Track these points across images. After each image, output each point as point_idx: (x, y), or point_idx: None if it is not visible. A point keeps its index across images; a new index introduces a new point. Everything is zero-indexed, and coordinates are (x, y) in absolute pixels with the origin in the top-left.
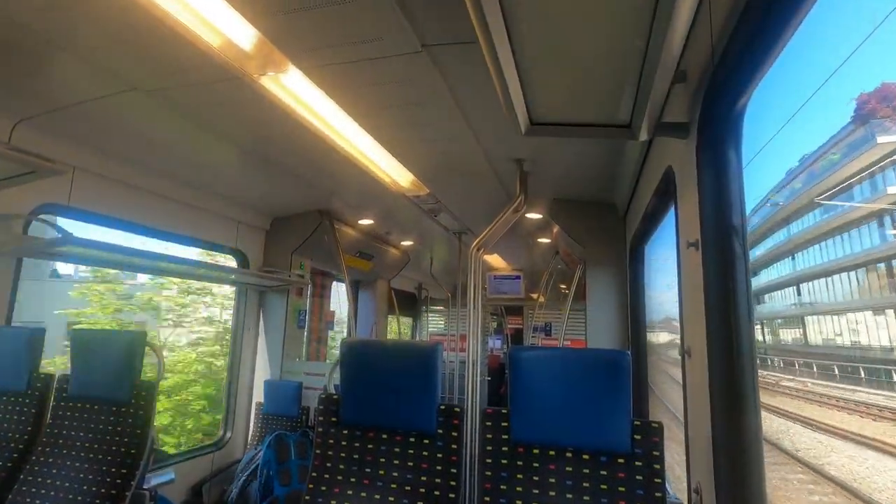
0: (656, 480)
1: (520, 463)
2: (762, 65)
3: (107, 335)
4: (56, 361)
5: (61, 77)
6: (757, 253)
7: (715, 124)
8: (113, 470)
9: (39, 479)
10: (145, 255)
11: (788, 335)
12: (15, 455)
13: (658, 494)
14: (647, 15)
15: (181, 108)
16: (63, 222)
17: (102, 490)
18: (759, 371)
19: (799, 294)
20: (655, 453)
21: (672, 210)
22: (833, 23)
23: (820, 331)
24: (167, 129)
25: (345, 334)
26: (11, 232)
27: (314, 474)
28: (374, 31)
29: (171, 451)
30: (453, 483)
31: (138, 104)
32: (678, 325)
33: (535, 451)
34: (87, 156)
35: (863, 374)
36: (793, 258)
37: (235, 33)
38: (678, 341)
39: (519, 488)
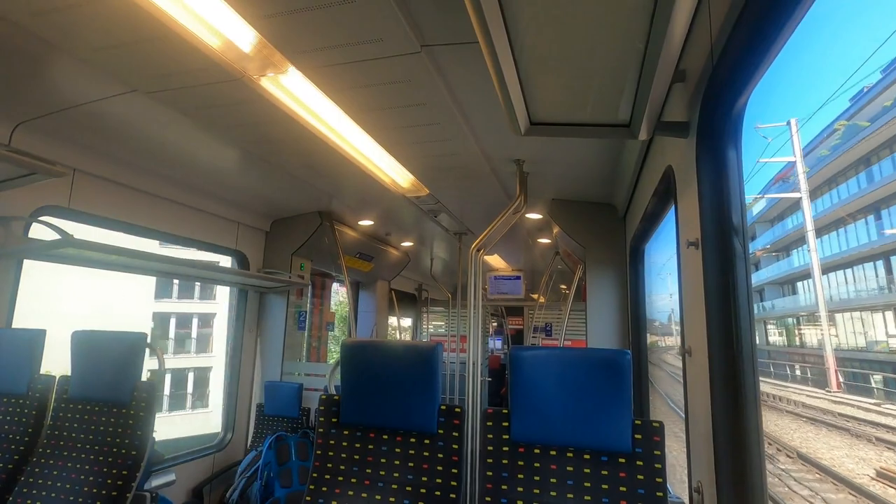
0: (657, 480)
1: (521, 463)
2: (761, 64)
3: (107, 336)
4: None
5: (61, 79)
6: (802, 218)
7: (714, 123)
8: (114, 471)
9: (40, 481)
10: (145, 257)
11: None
12: (16, 457)
13: (659, 494)
14: (646, 15)
15: (181, 110)
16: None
17: (103, 492)
18: None
19: (890, 271)
20: (656, 452)
21: (672, 210)
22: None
23: None
24: (167, 131)
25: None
26: (12, 233)
27: (315, 475)
28: (373, 32)
29: None
30: (454, 483)
31: (138, 106)
32: (658, 325)
33: (536, 450)
34: (87, 158)
35: None
36: (878, 217)
37: (235, 35)
38: (661, 344)
39: (520, 488)
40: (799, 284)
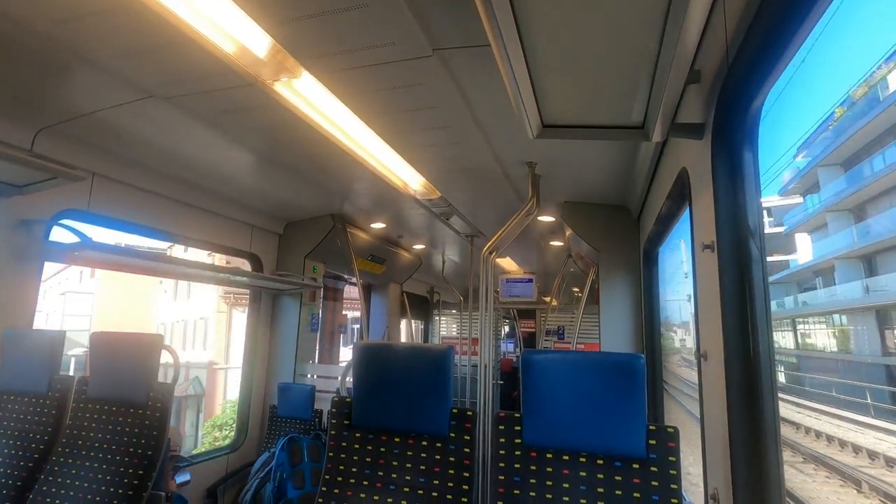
0: (672, 486)
1: (533, 467)
2: (778, 64)
3: (124, 338)
4: None
5: (81, 86)
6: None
7: (730, 125)
8: (130, 471)
9: (59, 479)
10: (162, 259)
11: None
12: (36, 455)
13: (674, 500)
14: (659, 15)
15: (197, 115)
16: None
17: (120, 490)
18: None
19: None
20: (671, 459)
21: (686, 212)
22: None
23: None
24: (183, 136)
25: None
26: (34, 236)
27: (327, 477)
28: (385, 37)
29: None
30: (466, 487)
31: (155, 111)
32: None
33: (549, 455)
34: (105, 162)
35: None
36: None
37: (250, 40)
38: None
39: (532, 493)
40: None
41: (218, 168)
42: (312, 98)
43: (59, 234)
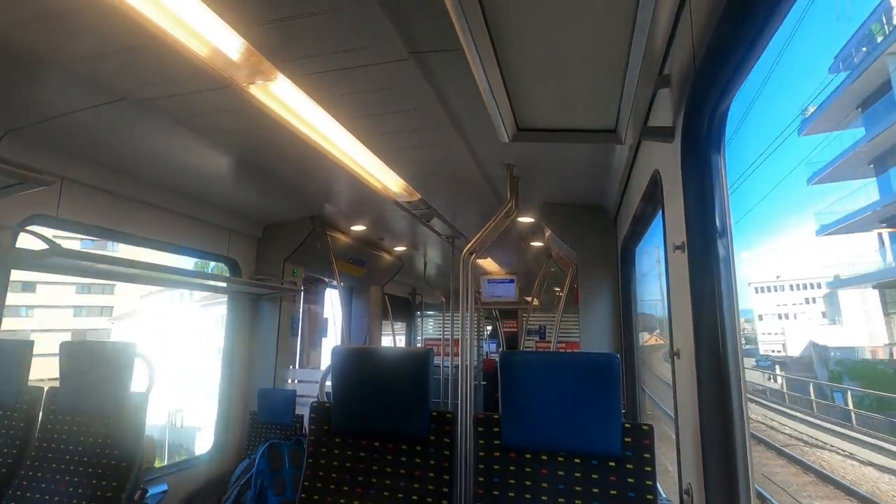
0: (647, 483)
1: (512, 468)
2: (742, 70)
3: (96, 347)
4: None
5: (49, 88)
6: None
7: (698, 128)
8: (103, 483)
9: (28, 495)
10: (135, 266)
11: None
12: (3, 470)
13: (649, 496)
14: (627, 22)
15: (170, 118)
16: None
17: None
18: None
19: None
20: (646, 455)
21: (660, 213)
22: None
23: None
24: (156, 139)
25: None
26: None
27: (306, 483)
28: (361, 40)
29: None
30: (446, 490)
31: (127, 114)
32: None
33: (527, 455)
34: (75, 166)
35: None
36: None
37: (223, 43)
38: None
39: (511, 493)
40: None
41: (193, 171)
42: (289, 101)
43: (27, 241)
